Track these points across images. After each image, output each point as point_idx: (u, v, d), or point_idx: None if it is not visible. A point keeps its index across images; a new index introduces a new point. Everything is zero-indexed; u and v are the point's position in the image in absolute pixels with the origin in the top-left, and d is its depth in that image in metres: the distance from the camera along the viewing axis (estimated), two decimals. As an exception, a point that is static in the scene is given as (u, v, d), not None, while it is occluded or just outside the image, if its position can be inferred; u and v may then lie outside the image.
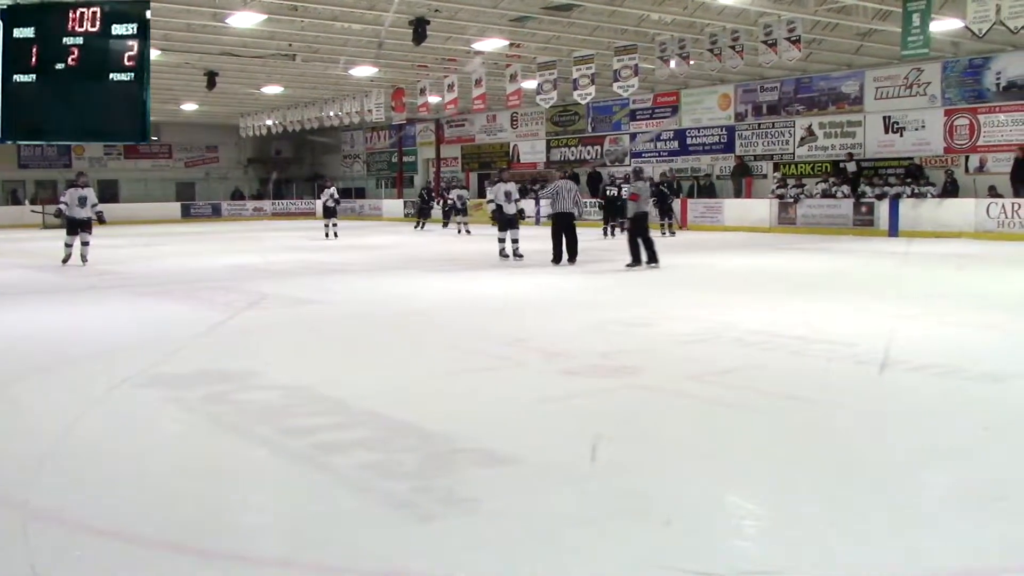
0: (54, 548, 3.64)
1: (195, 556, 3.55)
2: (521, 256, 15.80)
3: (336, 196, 25.71)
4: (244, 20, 17.77)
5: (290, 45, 21.51)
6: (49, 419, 5.59)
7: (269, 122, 33.81)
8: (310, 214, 39.29)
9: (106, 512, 4.01)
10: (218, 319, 9.59)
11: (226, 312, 10.10)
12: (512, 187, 16.44)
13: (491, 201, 16.28)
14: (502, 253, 16.14)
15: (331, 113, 30.18)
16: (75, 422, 5.49)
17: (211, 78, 24.06)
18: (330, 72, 24.18)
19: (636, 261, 14.08)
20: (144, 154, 39.96)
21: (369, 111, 28.43)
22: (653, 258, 14.04)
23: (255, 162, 43.21)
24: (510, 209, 16.08)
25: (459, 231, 25.31)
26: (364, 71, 23.97)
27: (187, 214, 37.86)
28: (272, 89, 28.03)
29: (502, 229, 16.17)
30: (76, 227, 15.90)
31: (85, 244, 15.98)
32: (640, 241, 14.13)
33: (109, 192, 38.69)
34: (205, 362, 7.35)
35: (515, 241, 16.03)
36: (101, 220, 16.28)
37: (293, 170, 43.44)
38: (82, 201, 15.88)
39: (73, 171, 37.61)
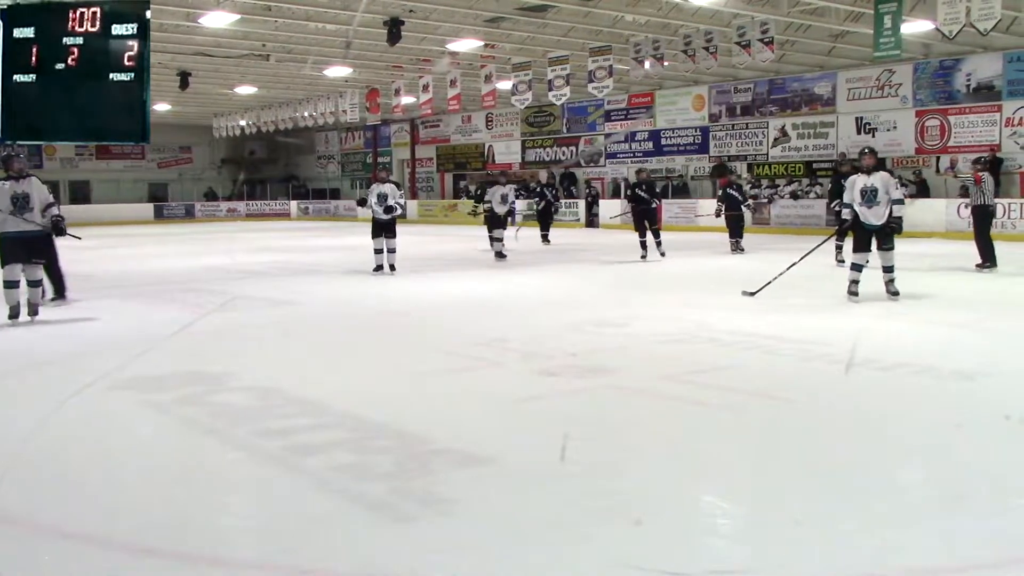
0: (23, 553, 3.60)
1: (170, 559, 3.51)
2: (896, 293, 10.04)
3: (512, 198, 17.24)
4: (217, 20, 17.64)
5: (263, 45, 21.40)
6: (15, 423, 5.50)
7: (243, 122, 33.62)
8: (284, 215, 39.12)
9: (77, 516, 3.96)
10: (190, 320, 9.51)
11: (198, 313, 10.02)
12: (883, 180, 9.89)
13: (837, 203, 11.08)
14: (850, 292, 10.00)
15: (305, 113, 30.06)
16: (43, 425, 5.42)
17: (184, 78, 23.89)
18: (304, 72, 24.07)
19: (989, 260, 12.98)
20: (116, 155, 39.62)
21: (343, 112, 28.34)
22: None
23: (229, 163, 42.94)
24: (877, 215, 9.84)
25: (380, 267, 14.24)
26: (338, 71, 23.89)
27: (160, 215, 37.57)
28: (246, 89, 27.87)
29: (862, 248, 9.95)
30: (16, 251, 9.13)
31: (33, 284, 9.33)
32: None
33: (81, 193, 38.38)
34: (178, 364, 7.29)
35: (889, 270, 10.06)
36: (60, 231, 9.43)
37: (267, 171, 43.20)
38: (20, 201, 9.02)
39: (44, 172, 37.40)
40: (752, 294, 10.27)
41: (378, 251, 14.21)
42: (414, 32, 18.97)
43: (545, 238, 20.65)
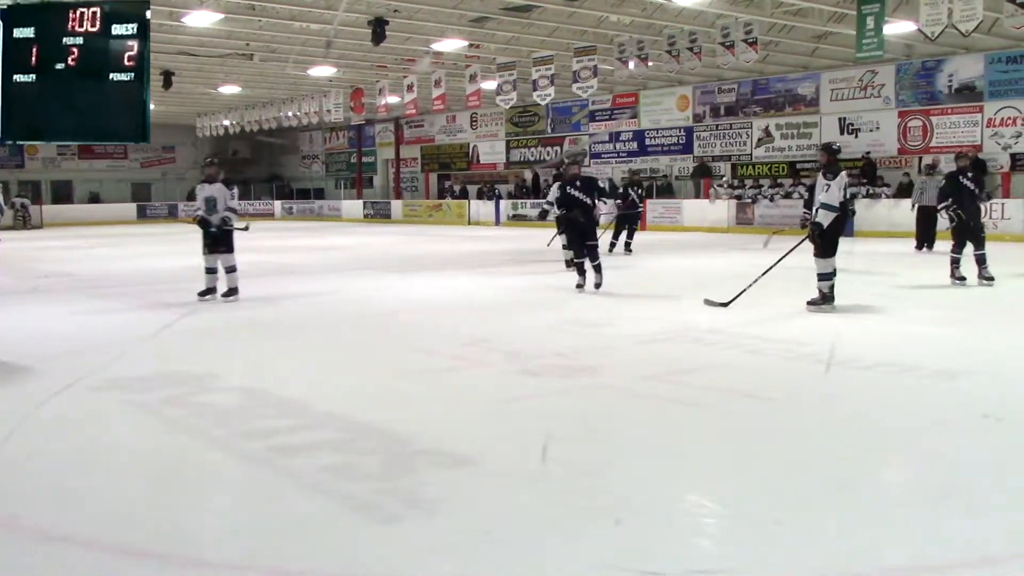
0: (5, 555, 3.57)
1: (153, 560, 3.50)
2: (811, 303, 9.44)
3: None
4: (201, 19, 17.59)
5: (247, 45, 21.34)
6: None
7: (226, 122, 33.51)
8: (268, 215, 38.97)
9: (59, 517, 3.94)
10: (173, 320, 9.47)
11: (181, 313, 9.97)
12: (817, 180, 9.40)
13: (945, 205, 10.35)
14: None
15: (289, 113, 30.00)
16: (23, 426, 5.38)
17: (167, 77, 23.79)
18: (288, 72, 24.01)
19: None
20: (99, 154, 39.41)
21: (328, 111, 28.30)
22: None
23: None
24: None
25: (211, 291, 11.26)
26: (322, 71, 23.84)
27: (143, 215, 37.37)
28: (229, 89, 27.78)
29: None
30: None
31: None
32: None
33: (63, 192, 38.14)
34: (160, 364, 7.25)
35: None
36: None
37: (251, 171, 43.04)
38: None
39: (26, 171, 37.14)
40: (725, 304, 9.58)
41: (210, 270, 11.26)
42: (399, 32, 18.96)
43: (627, 246, 17.17)
